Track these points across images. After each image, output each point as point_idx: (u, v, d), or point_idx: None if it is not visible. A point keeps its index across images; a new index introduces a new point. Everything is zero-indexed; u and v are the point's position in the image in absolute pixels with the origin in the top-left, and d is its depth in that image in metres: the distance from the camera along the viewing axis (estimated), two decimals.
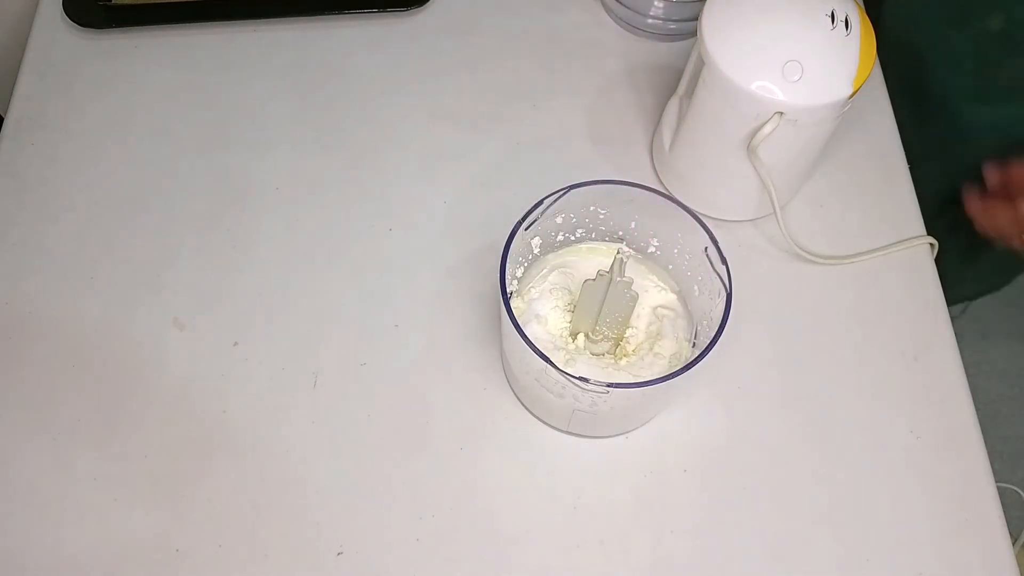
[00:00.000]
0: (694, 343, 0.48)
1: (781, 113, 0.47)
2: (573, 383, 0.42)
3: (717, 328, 0.43)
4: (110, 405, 0.52)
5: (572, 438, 0.51)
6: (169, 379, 0.53)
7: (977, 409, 0.52)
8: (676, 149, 0.56)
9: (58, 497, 0.50)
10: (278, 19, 0.65)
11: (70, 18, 0.64)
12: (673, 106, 0.57)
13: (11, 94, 0.62)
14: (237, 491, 0.50)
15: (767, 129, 0.47)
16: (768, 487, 0.50)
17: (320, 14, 0.65)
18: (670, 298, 0.50)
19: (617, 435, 0.51)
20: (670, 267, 0.50)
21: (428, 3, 0.66)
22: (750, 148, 0.49)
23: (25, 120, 0.61)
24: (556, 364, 0.41)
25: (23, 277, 0.56)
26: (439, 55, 0.65)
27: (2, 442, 0.51)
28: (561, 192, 0.45)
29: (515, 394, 0.52)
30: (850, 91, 0.46)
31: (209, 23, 0.65)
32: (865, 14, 0.48)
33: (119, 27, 0.64)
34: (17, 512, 0.49)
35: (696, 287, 0.48)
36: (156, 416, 0.52)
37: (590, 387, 0.41)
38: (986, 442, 0.51)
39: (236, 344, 0.54)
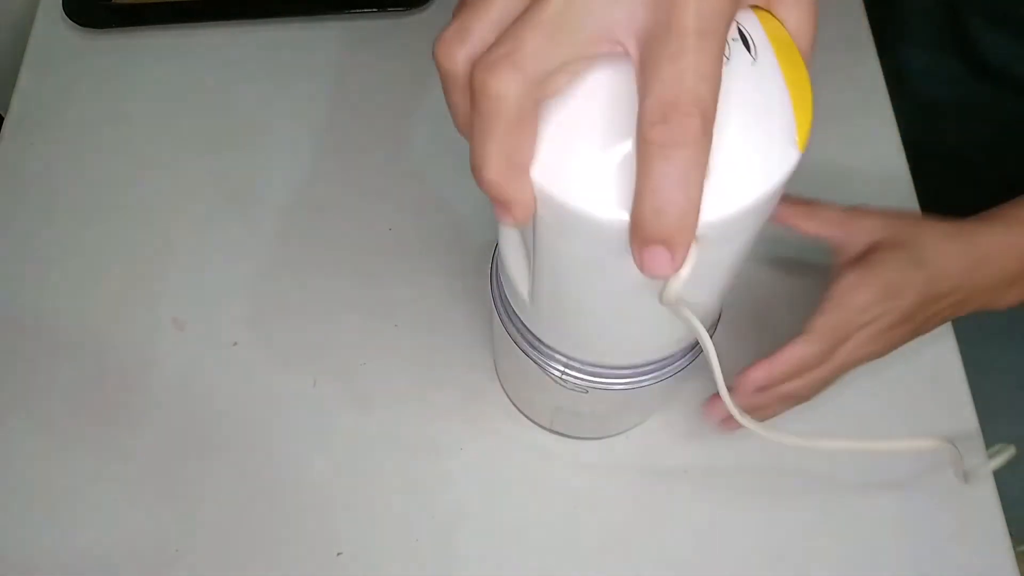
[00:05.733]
0: None
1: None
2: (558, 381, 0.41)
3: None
4: (110, 405, 0.52)
5: (572, 439, 0.51)
6: (169, 379, 0.53)
7: (977, 409, 0.52)
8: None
9: (58, 497, 0.50)
10: (278, 19, 0.65)
11: (70, 18, 0.64)
12: None
13: (11, 93, 0.62)
14: (237, 491, 0.50)
15: (684, 273, 0.26)
16: (768, 487, 0.50)
17: (320, 14, 0.65)
18: None
19: (616, 435, 0.51)
20: None
21: (428, 3, 0.66)
22: (665, 301, 0.28)
23: (25, 119, 0.61)
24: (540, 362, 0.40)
25: (22, 276, 0.56)
26: None
27: (2, 442, 0.51)
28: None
29: (508, 397, 0.52)
30: (796, 152, 0.26)
31: (209, 23, 0.65)
32: (777, 22, 0.26)
33: (119, 27, 0.64)
34: (17, 512, 0.49)
35: None
36: (156, 416, 0.52)
37: (568, 386, 0.41)
38: (986, 442, 0.51)
39: (235, 344, 0.54)
